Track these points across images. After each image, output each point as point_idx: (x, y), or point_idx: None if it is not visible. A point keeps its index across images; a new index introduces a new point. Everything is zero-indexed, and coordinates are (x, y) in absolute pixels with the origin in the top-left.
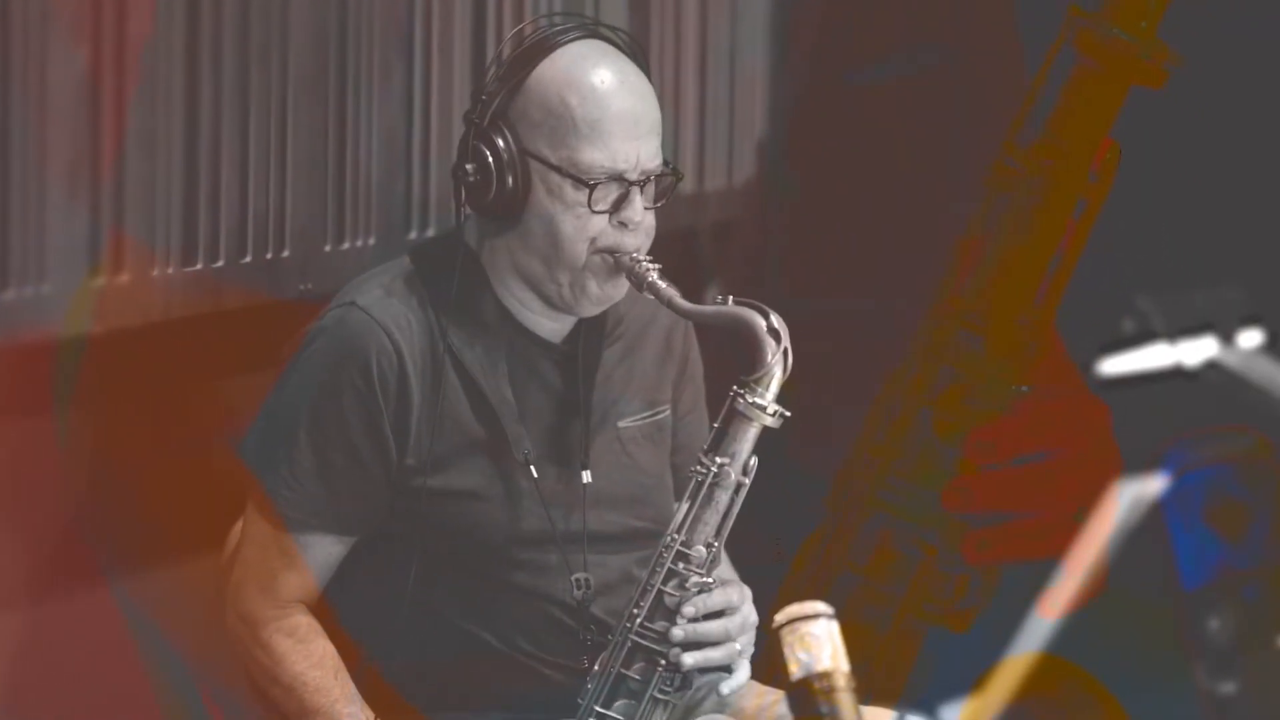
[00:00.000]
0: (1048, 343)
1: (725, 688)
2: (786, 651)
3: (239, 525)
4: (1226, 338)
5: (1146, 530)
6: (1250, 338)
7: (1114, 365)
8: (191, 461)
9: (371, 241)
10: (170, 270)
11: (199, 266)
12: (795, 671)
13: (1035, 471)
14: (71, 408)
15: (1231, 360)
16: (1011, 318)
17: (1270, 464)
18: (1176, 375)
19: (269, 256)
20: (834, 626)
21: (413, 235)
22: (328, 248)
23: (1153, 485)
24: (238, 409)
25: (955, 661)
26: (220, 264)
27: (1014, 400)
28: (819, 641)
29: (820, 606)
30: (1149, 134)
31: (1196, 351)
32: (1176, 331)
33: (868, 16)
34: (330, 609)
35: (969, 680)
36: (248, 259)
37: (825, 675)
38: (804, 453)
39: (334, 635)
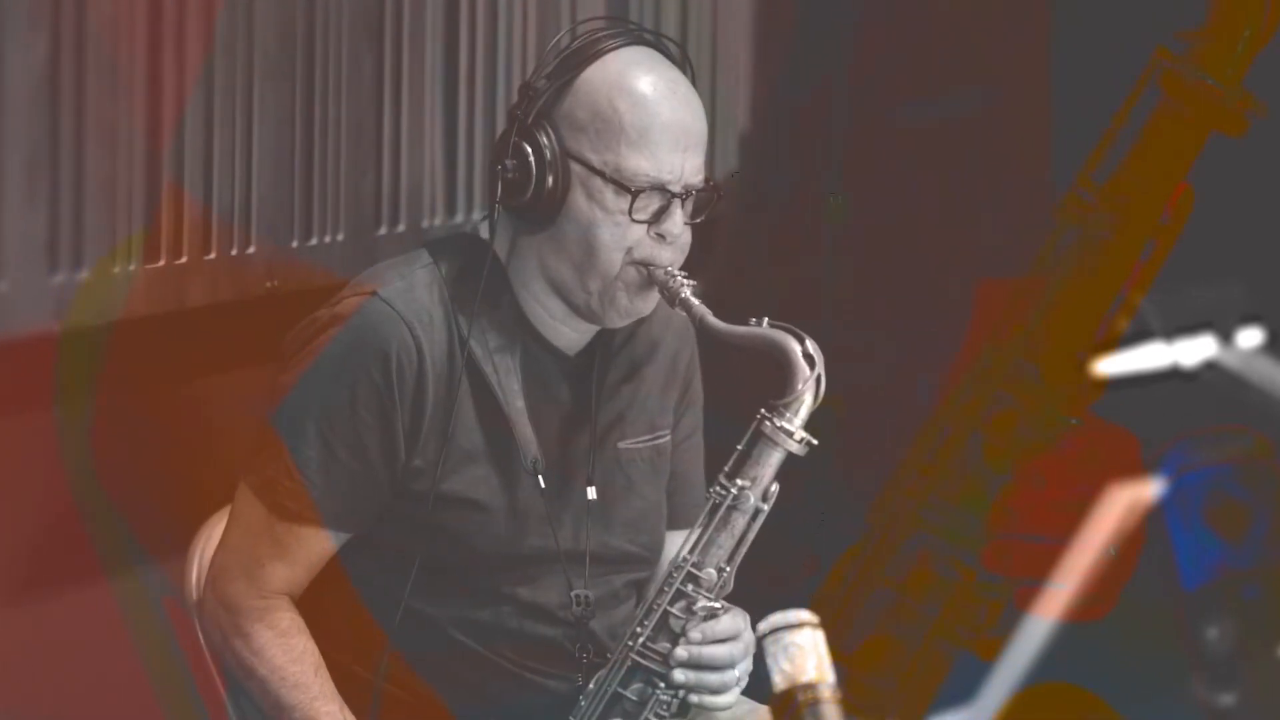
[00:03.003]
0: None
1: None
2: (770, 662)
3: (210, 522)
4: (1225, 337)
5: (1145, 535)
6: (1250, 337)
7: (1109, 365)
8: (159, 463)
9: (340, 238)
10: (132, 267)
11: (161, 263)
12: (779, 682)
13: (1083, 499)
14: (77, 399)
15: (1231, 360)
16: (1071, 351)
17: (1270, 464)
18: (1174, 376)
19: (234, 253)
20: (819, 636)
21: (383, 231)
22: (295, 244)
23: (1151, 490)
24: (203, 409)
25: (951, 671)
26: (183, 260)
27: (1065, 432)
28: (803, 652)
29: (805, 615)
30: None
31: (1194, 351)
32: (1174, 330)
33: (917, 56)
34: (320, 604)
35: (963, 689)
36: (212, 255)
37: (810, 686)
38: (849, 464)
39: (351, 626)
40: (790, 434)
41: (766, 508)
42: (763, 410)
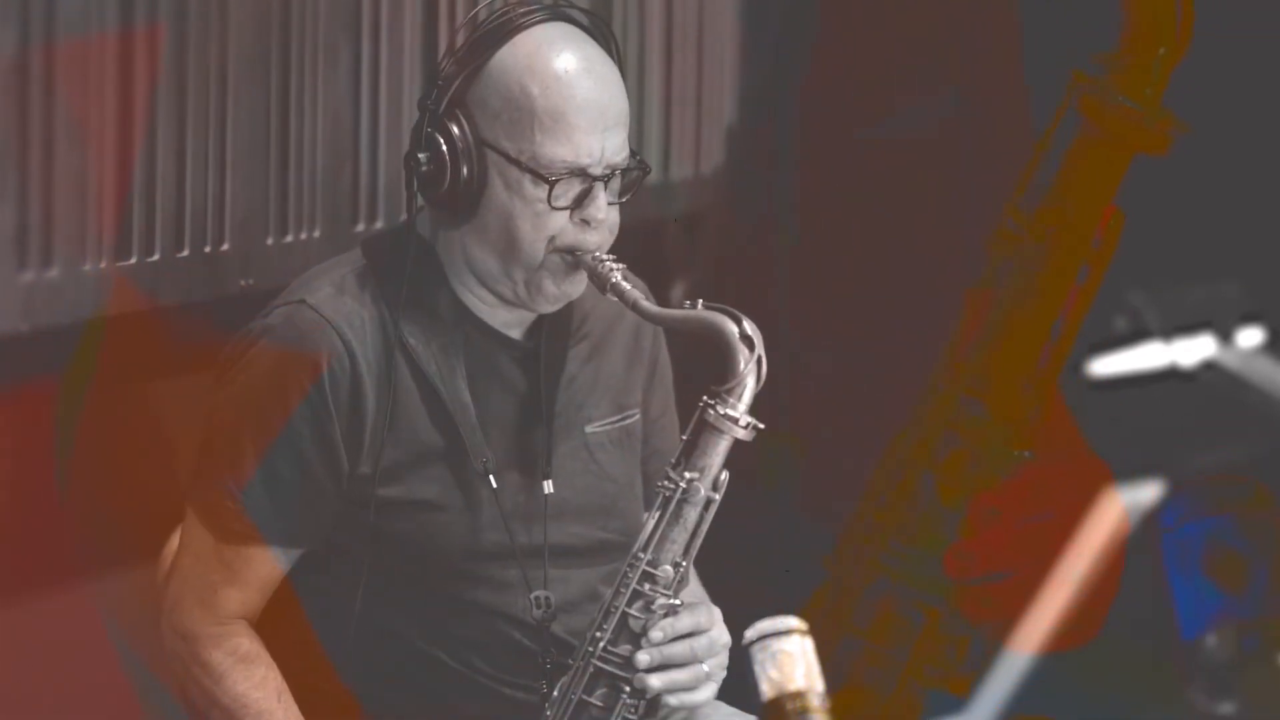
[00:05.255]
0: (1050, 406)
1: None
2: (757, 669)
3: (176, 535)
4: (1225, 336)
5: (1140, 541)
6: (1250, 336)
7: (1105, 365)
8: (126, 465)
9: (317, 234)
10: (103, 264)
11: (133, 260)
12: (766, 691)
13: (1036, 531)
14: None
15: (1230, 360)
16: (1014, 383)
17: (1269, 515)
18: (1172, 376)
19: (208, 250)
20: (808, 643)
21: (360, 227)
22: (270, 241)
23: (1147, 494)
24: (173, 411)
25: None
26: (156, 258)
27: (1017, 465)
28: (792, 659)
29: (793, 622)
30: None
31: (1193, 351)
32: (1172, 329)
33: (878, 71)
34: (274, 625)
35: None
36: (185, 253)
37: (798, 695)
38: (810, 510)
39: (300, 649)
40: (735, 420)
41: (718, 497)
42: (705, 397)
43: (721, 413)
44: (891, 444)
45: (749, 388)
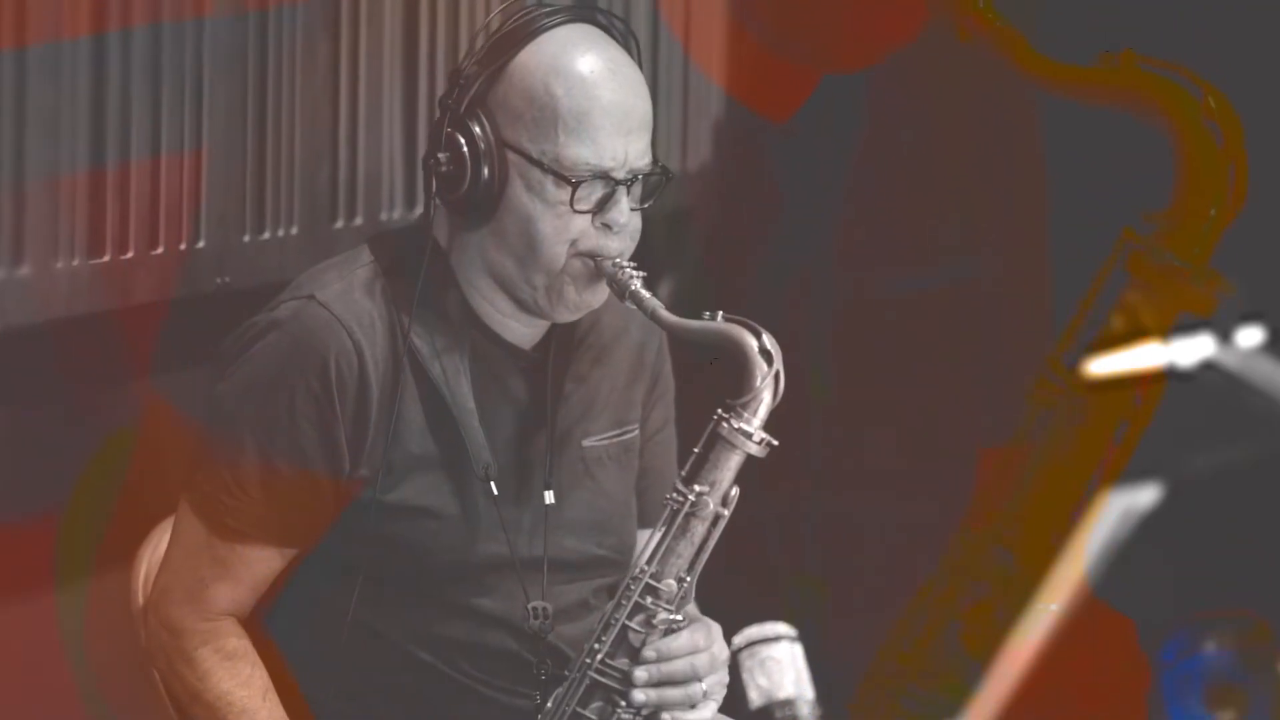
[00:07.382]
0: (1080, 562)
1: None
2: (746, 677)
3: (155, 533)
4: (1224, 336)
5: (1134, 545)
6: (1250, 336)
7: (1102, 365)
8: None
9: (294, 231)
10: (75, 262)
11: (106, 258)
12: (755, 699)
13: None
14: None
15: (1230, 360)
16: (1046, 536)
17: (1269, 649)
18: (1170, 376)
19: (183, 247)
20: (797, 649)
21: (339, 224)
22: (246, 238)
23: (1144, 497)
24: (149, 412)
25: None
26: (130, 255)
27: (1042, 619)
28: (780, 666)
29: (783, 628)
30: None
31: (1192, 351)
32: (1170, 329)
33: (906, 230)
34: (264, 625)
35: None
36: (160, 250)
37: (788, 703)
38: (831, 652)
39: (268, 657)
40: (749, 435)
41: (727, 513)
42: (719, 410)
43: (736, 427)
44: (920, 590)
45: (765, 403)
